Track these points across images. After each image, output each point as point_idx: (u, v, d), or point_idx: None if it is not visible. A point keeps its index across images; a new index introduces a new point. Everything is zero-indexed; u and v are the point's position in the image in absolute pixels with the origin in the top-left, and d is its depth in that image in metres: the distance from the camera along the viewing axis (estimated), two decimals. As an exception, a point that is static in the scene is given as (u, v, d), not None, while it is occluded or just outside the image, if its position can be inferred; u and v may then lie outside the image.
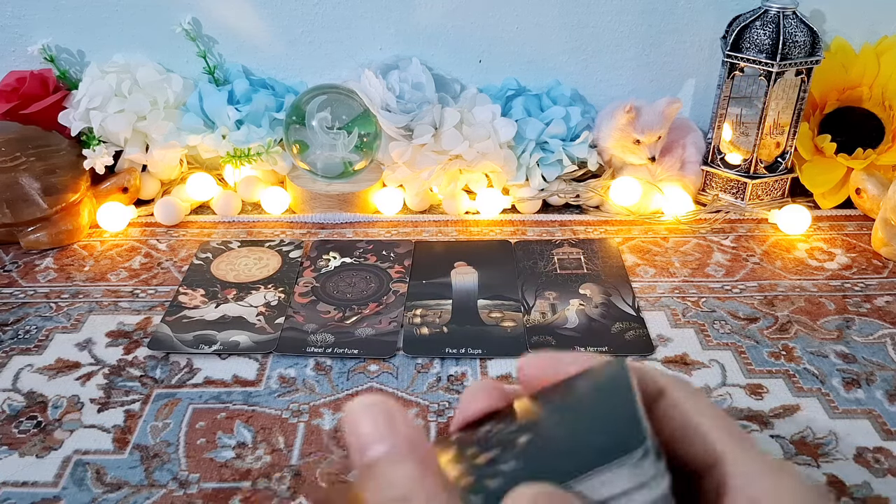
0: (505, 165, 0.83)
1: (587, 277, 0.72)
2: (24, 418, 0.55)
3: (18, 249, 0.77)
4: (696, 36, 0.90)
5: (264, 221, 0.83)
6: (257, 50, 0.90)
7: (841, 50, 0.85)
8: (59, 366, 0.60)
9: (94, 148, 0.81)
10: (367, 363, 0.61)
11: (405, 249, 0.77)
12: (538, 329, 0.65)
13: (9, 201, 0.75)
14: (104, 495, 0.48)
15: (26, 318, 0.66)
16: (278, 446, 0.52)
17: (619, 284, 0.71)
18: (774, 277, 0.73)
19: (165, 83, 0.85)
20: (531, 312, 0.67)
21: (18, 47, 0.89)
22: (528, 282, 0.71)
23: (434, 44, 0.89)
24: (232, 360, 0.61)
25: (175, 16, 0.86)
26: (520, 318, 0.66)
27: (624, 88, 0.93)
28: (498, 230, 0.82)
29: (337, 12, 0.88)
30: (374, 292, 0.70)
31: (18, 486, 0.49)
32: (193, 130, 0.84)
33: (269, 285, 0.70)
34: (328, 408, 0.56)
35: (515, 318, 0.66)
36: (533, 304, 0.68)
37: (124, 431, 0.53)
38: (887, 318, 0.67)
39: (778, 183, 0.85)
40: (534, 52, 0.90)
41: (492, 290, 0.70)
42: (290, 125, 0.83)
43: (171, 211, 0.81)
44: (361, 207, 0.84)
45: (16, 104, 0.84)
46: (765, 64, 0.77)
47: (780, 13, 0.77)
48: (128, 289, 0.71)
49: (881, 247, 0.76)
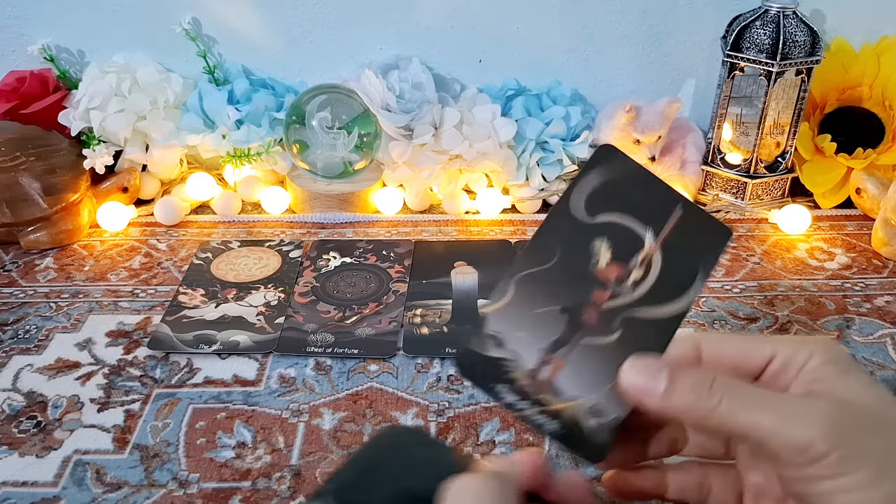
0: (505, 165, 0.83)
1: (587, 277, 0.72)
2: (24, 418, 0.55)
3: (18, 249, 0.77)
4: (696, 36, 0.90)
5: (264, 221, 0.83)
6: (257, 50, 0.90)
7: (841, 50, 0.85)
8: (59, 366, 0.60)
9: (94, 148, 0.81)
10: (367, 363, 0.61)
11: (405, 249, 0.77)
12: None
13: (9, 201, 0.75)
14: (104, 495, 0.48)
15: (26, 317, 0.66)
16: (278, 446, 0.52)
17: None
18: (774, 277, 0.73)
19: (165, 83, 0.85)
20: (531, 312, 0.67)
21: (18, 47, 0.89)
22: (528, 282, 0.71)
23: (434, 44, 0.89)
24: (232, 360, 0.61)
25: (175, 16, 0.86)
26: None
27: (624, 88, 0.93)
28: (498, 230, 0.82)
29: (337, 12, 0.88)
30: (374, 292, 0.70)
31: (18, 486, 0.49)
32: (193, 130, 0.84)
33: (269, 285, 0.70)
34: (328, 408, 0.56)
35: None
36: (533, 304, 0.68)
37: (124, 431, 0.53)
38: (887, 317, 0.67)
39: (778, 183, 0.85)
40: (534, 52, 0.90)
41: (492, 289, 0.70)
42: (290, 125, 0.83)
43: (171, 211, 0.81)
44: (361, 207, 0.84)
45: (16, 104, 0.84)
46: (765, 64, 0.77)
47: (781, 13, 0.77)
48: (128, 289, 0.71)
49: (881, 247, 0.76)
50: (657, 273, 0.34)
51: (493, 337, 0.34)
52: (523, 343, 0.33)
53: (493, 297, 0.34)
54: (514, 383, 0.33)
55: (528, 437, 0.53)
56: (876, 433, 0.30)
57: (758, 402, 0.30)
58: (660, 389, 0.31)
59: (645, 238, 0.34)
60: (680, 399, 0.31)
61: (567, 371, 0.33)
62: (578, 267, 0.34)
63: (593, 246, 0.34)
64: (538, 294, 0.34)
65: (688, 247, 0.34)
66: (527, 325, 0.34)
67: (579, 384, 0.33)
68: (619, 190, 0.34)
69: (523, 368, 0.33)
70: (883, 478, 0.29)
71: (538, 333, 0.33)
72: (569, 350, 0.33)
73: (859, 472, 0.29)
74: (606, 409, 0.33)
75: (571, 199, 0.34)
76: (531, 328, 0.34)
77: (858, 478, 0.29)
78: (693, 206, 0.34)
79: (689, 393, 0.31)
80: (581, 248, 0.34)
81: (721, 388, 0.31)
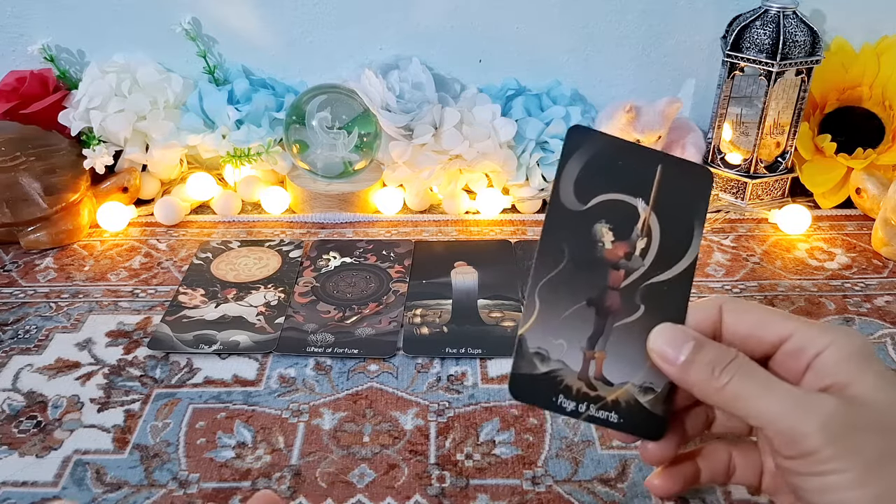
0: (505, 165, 0.83)
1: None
2: (24, 418, 0.55)
3: (18, 249, 0.77)
4: (696, 36, 0.90)
5: (264, 221, 0.83)
6: (257, 50, 0.90)
7: (841, 50, 0.85)
8: (59, 366, 0.60)
9: (94, 148, 0.81)
10: (367, 363, 0.61)
11: (405, 249, 0.77)
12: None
13: (9, 201, 0.75)
14: (104, 495, 0.48)
15: (26, 317, 0.66)
16: (278, 446, 0.52)
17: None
18: (774, 277, 0.73)
19: (165, 83, 0.85)
20: (531, 312, 0.67)
21: (18, 47, 0.89)
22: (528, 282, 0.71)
23: (434, 44, 0.89)
24: (232, 360, 0.61)
25: (175, 16, 0.86)
26: (520, 317, 0.66)
27: (624, 88, 0.93)
28: (498, 230, 0.82)
29: (337, 12, 0.88)
30: (374, 292, 0.70)
31: (18, 486, 0.49)
32: (193, 130, 0.84)
33: (269, 285, 0.70)
34: (328, 408, 0.56)
35: (515, 317, 0.66)
36: (533, 304, 0.68)
37: (124, 431, 0.53)
38: (887, 317, 0.67)
39: (778, 183, 0.85)
40: (534, 52, 0.90)
41: (492, 289, 0.70)
42: (290, 125, 0.83)
43: (171, 211, 0.81)
44: (361, 207, 0.84)
45: (16, 104, 0.84)
46: (765, 64, 0.77)
47: (781, 13, 0.77)
48: (128, 289, 0.71)
49: (881, 246, 0.76)
50: (658, 236, 0.35)
51: (536, 354, 0.34)
52: (564, 349, 0.34)
53: (523, 316, 0.35)
54: (570, 390, 0.34)
55: (528, 437, 0.53)
56: (873, 435, 0.29)
57: (765, 388, 0.31)
58: (680, 359, 0.32)
59: (638, 207, 0.35)
60: (696, 373, 0.32)
61: (610, 360, 0.34)
62: (588, 256, 0.34)
63: (595, 231, 0.35)
64: (562, 297, 0.35)
65: (677, 201, 0.35)
66: (561, 330, 0.34)
67: (624, 368, 0.34)
68: (601, 168, 0.35)
69: (573, 373, 0.34)
70: (872, 480, 0.29)
71: (574, 335, 0.34)
72: (605, 340, 0.34)
73: (848, 472, 0.29)
74: (655, 382, 0.34)
75: (561, 193, 0.35)
76: (566, 332, 0.34)
77: (847, 477, 0.29)
78: (670, 160, 0.35)
79: (704, 368, 0.32)
80: (585, 237, 0.35)
81: (733, 369, 0.31)
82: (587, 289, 0.35)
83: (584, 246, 0.34)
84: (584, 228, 0.35)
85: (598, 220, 0.35)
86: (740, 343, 0.34)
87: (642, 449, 0.36)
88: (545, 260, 0.35)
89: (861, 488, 0.29)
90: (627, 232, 0.34)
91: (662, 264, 0.35)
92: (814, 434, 0.29)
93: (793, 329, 0.33)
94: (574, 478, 0.49)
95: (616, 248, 0.35)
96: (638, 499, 0.48)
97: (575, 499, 0.48)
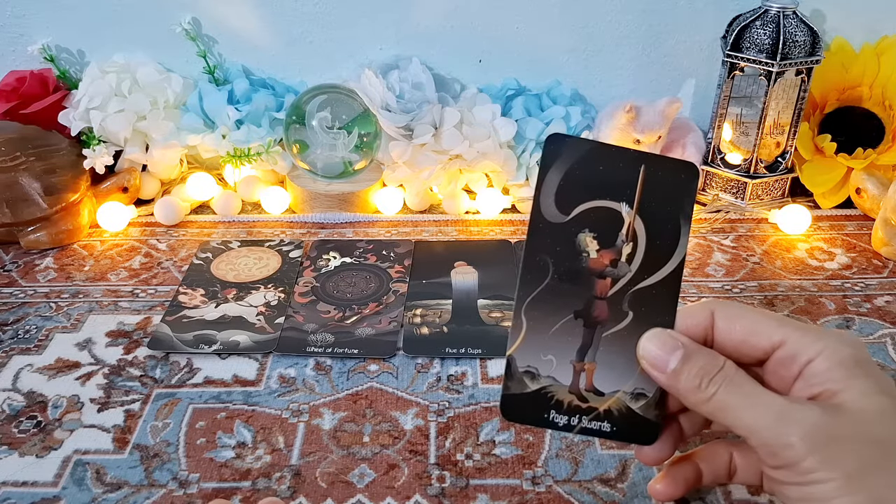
0: (505, 165, 0.83)
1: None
2: (24, 418, 0.55)
3: (18, 249, 0.77)
4: (696, 36, 0.90)
5: (264, 221, 0.83)
6: (257, 50, 0.90)
7: (841, 50, 0.85)
8: (59, 366, 0.60)
9: (94, 148, 0.81)
10: (367, 363, 0.61)
11: (405, 249, 0.77)
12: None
13: (9, 201, 0.75)
14: (104, 495, 0.48)
15: (26, 317, 0.66)
16: (278, 446, 0.52)
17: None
18: (775, 277, 0.73)
19: (165, 83, 0.85)
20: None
21: (18, 47, 0.89)
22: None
23: (434, 44, 0.89)
24: (232, 360, 0.61)
25: (175, 16, 0.86)
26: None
27: (624, 88, 0.93)
28: (498, 230, 0.82)
29: (337, 12, 0.88)
30: (374, 292, 0.70)
31: (18, 486, 0.49)
32: (193, 130, 0.84)
33: (269, 285, 0.70)
34: (328, 408, 0.56)
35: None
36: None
37: (124, 431, 0.53)
38: (887, 317, 0.67)
39: (778, 183, 0.85)
40: (534, 52, 0.90)
41: (492, 289, 0.70)
42: (290, 125, 0.83)
43: (171, 211, 0.81)
44: (361, 207, 0.84)
45: (16, 104, 0.85)
46: (765, 64, 0.77)
47: (781, 13, 0.77)
48: (128, 289, 0.71)
49: (881, 246, 0.76)
50: (644, 239, 0.34)
51: (526, 373, 0.34)
52: (554, 365, 0.34)
53: (511, 336, 0.34)
54: (562, 405, 0.34)
55: (529, 437, 0.53)
56: (857, 444, 0.29)
57: (749, 399, 0.31)
58: (670, 367, 0.32)
59: (622, 211, 0.34)
60: (685, 382, 0.32)
61: (600, 369, 0.34)
62: (573, 268, 0.34)
63: (579, 241, 0.34)
64: (548, 313, 0.34)
65: (662, 201, 0.34)
66: (550, 346, 0.34)
67: (615, 377, 0.34)
68: (582, 176, 0.34)
69: (563, 387, 0.34)
70: (855, 488, 0.29)
71: (563, 349, 0.34)
72: (594, 350, 0.34)
73: (832, 482, 0.29)
74: (646, 388, 0.34)
75: (542, 206, 0.34)
76: (555, 347, 0.34)
77: (830, 487, 0.29)
78: (653, 158, 0.34)
79: (693, 378, 0.32)
80: (569, 249, 0.34)
81: (720, 380, 0.31)
82: (574, 301, 0.34)
83: (568, 258, 0.34)
84: (567, 240, 0.34)
85: (581, 230, 0.34)
86: (733, 349, 0.34)
87: (638, 451, 0.36)
88: (529, 277, 0.34)
89: (844, 497, 0.29)
90: (612, 239, 0.34)
91: (650, 268, 0.34)
92: (796, 444, 0.29)
93: (785, 336, 0.33)
94: (574, 478, 0.49)
95: (601, 257, 0.34)
96: (638, 499, 0.48)
97: (575, 499, 0.48)
